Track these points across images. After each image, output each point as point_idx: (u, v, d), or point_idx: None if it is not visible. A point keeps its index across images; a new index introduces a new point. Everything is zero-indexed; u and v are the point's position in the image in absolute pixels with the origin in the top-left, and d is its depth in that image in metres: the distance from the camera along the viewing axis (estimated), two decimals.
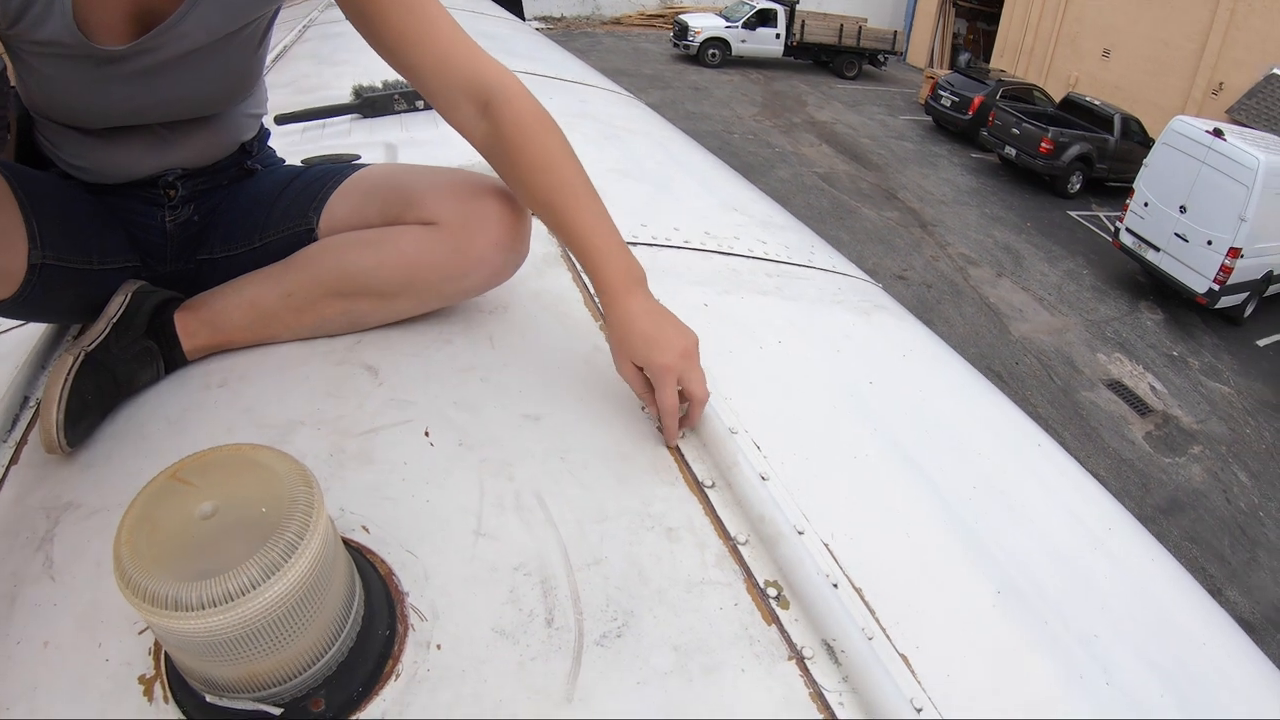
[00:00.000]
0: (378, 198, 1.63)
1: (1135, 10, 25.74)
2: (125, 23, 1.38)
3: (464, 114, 1.53)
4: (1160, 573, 1.58)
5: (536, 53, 5.26)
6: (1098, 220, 19.59)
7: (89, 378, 1.41)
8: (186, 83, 1.50)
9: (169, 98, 1.50)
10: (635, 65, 27.61)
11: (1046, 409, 12.09)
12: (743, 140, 20.90)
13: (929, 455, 1.58)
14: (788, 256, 2.31)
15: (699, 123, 21.14)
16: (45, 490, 1.33)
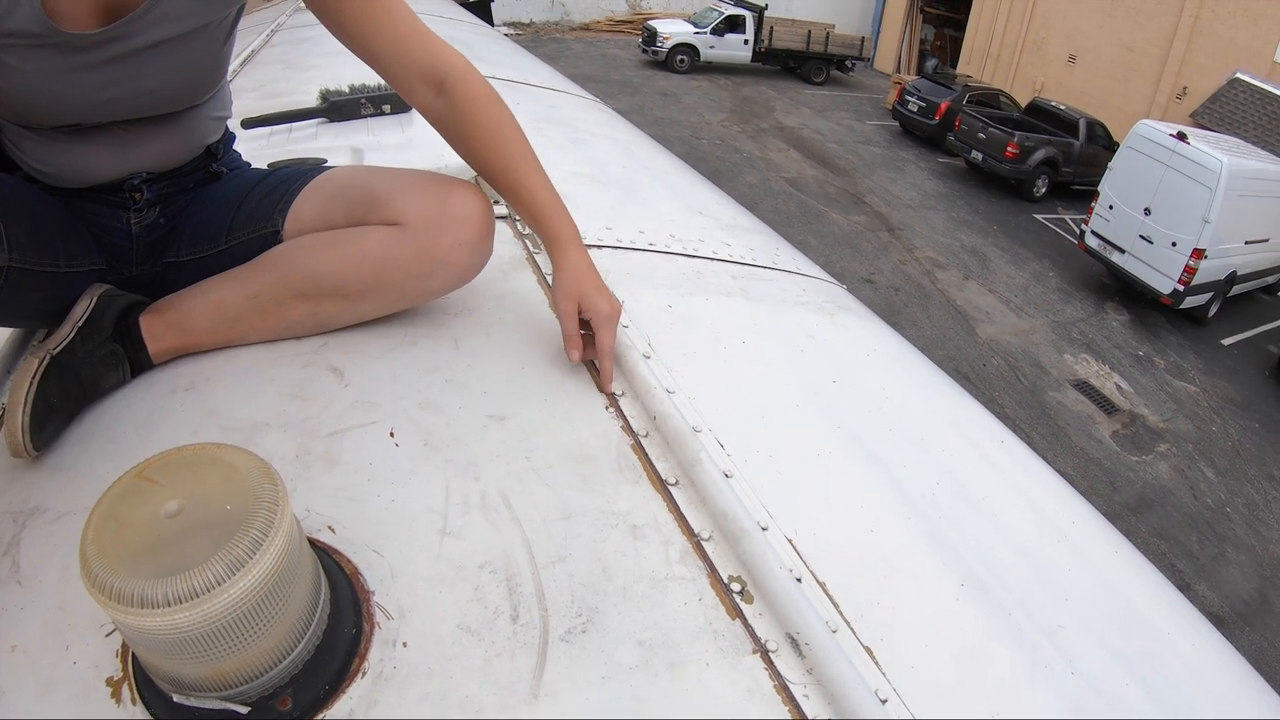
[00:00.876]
0: (344, 199, 1.64)
1: (1100, 17, 25.98)
2: (93, 11, 1.38)
3: (421, 95, 1.62)
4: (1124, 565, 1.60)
5: (505, 58, 5.27)
6: (1063, 223, 19.77)
7: (54, 381, 1.41)
8: (153, 75, 1.50)
9: (135, 90, 1.50)
10: (604, 71, 27.58)
11: (1014, 410, 12.17)
12: (711, 146, 20.95)
13: (892, 452, 1.61)
14: (752, 259, 2.32)
15: (667, 128, 21.17)
16: (11, 495, 1.32)
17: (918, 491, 1.50)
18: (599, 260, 1.91)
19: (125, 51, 1.43)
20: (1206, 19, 22.93)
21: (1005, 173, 20.37)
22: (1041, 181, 20.76)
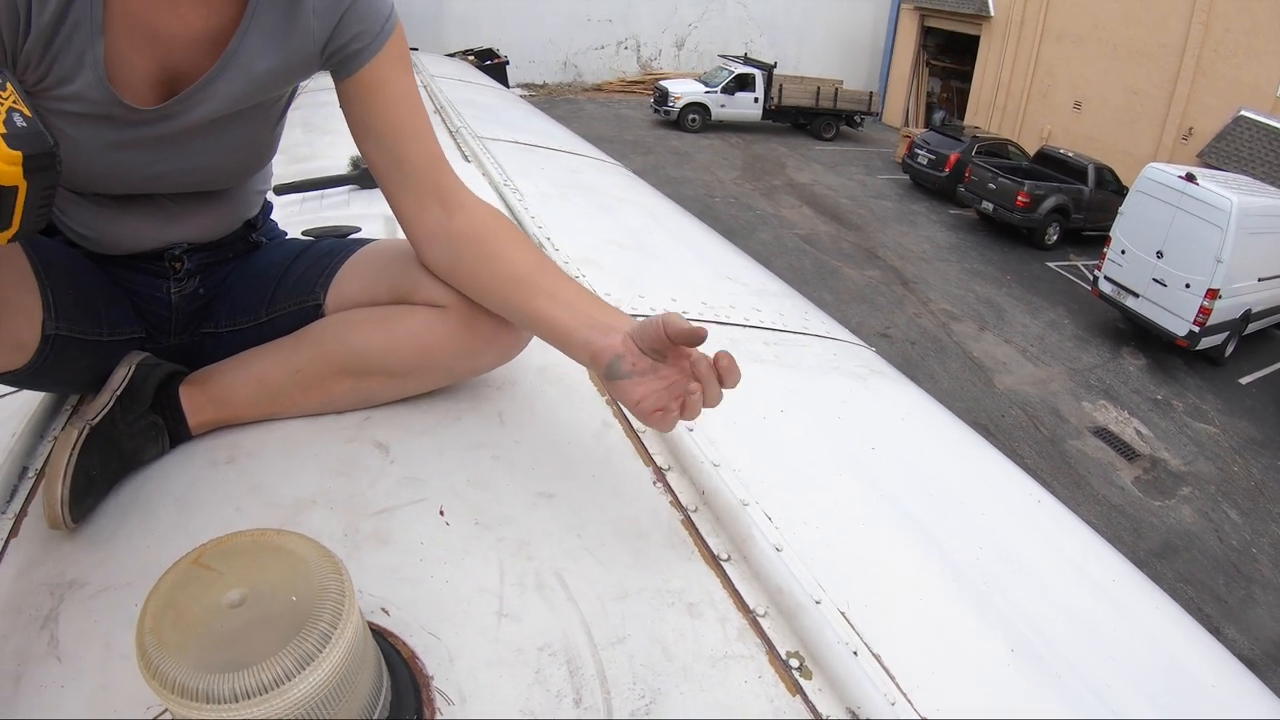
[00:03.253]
0: (387, 275, 1.64)
1: (1104, 62, 26.10)
2: (152, 85, 1.41)
3: (431, 212, 1.57)
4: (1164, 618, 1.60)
5: (525, 122, 5.30)
6: (1076, 270, 19.75)
7: (94, 453, 1.41)
8: (205, 152, 1.52)
9: (186, 166, 1.52)
10: (617, 131, 27.81)
11: (1035, 460, 12.08)
12: (724, 204, 21.03)
13: (935, 517, 1.60)
14: (783, 324, 2.33)
15: (681, 187, 21.23)
16: (49, 566, 1.32)
17: (962, 556, 1.50)
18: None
19: (180, 129, 1.45)
20: (1209, 58, 23.04)
21: (1017, 222, 20.40)
22: (1053, 229, 20.77)
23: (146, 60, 1.40)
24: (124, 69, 1.38)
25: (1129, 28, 25.33)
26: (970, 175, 21.53)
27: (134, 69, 1.39)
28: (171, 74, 1.42)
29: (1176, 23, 23.83)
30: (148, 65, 1.40)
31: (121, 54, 1.37)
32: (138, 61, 1.39)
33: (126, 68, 1.38)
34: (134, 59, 1.38)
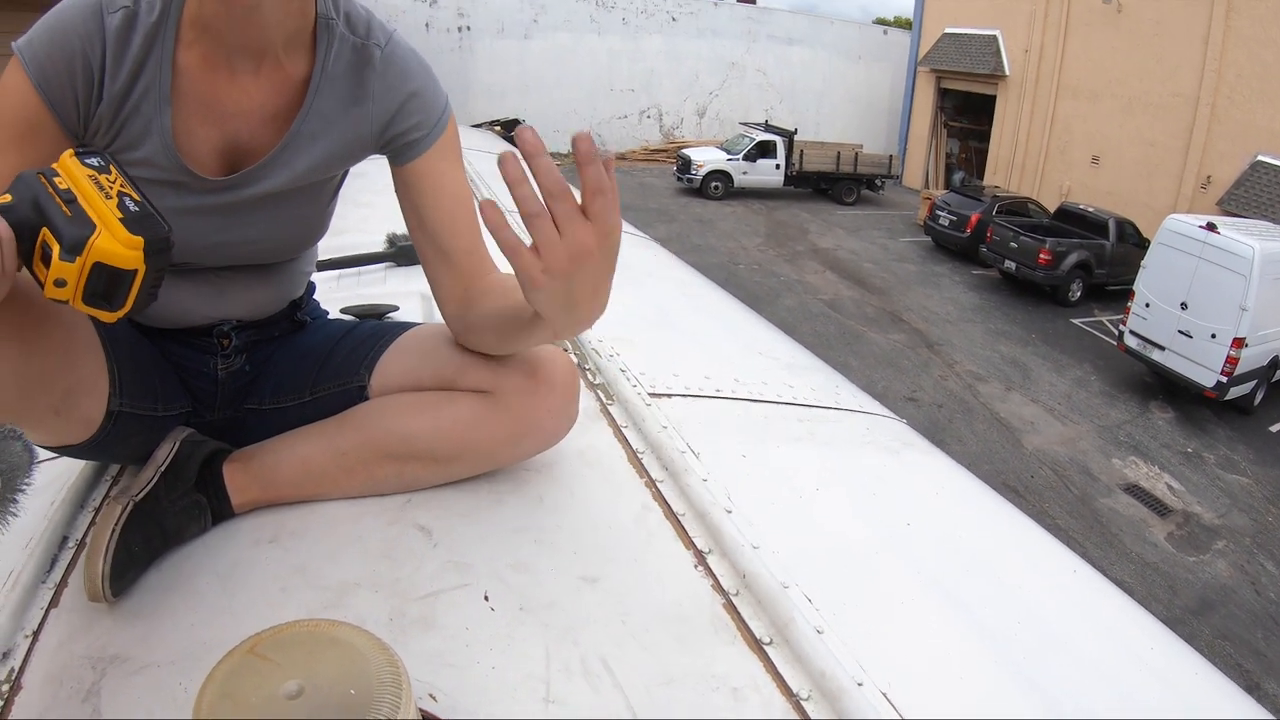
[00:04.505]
0: (432, 360, 1.66)
1: (1120, 116, 26.21)
2: (215, 157, 1.47)
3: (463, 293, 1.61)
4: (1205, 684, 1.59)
5: None
6: (1101, 325, 19.68)
7: (137, 529, 1.42)
8: (263, 225, 1.56)
9: (244, 238, 1.55)
10: (641, 200, 27.98)
11: (1066, 520, 11.92)
12: (749, 271, 21.11)
13: (972, 592, 1.61)
14: (815, 399, 2.34)
15: (705, 255, 21.36)
16: (90, 639, 1.32)
17: (1001, 632, 1.50)
18: (669, 410, 1.98)
19: (240, 200, 1.50)
20: (1223, 106, 23.14)
21: (1040, 280, 20.37)
22: (1076, 285, 20.74)
23: (210, 132, 1.45)
24: (189, 139, 1.43)
25: (1142, 80, 25.47)
26: (992, 235, 21.53)
27: (199, 139, 1.44)
28: (234, 146, 1.48)
29: (1189, 72, 23.98)
30: (212, 137, 1.45)
31: (187, 124, 1.43)
32: (202, 132, 1.44)
33: (192, 138, 1.43)
34: (199, 130, 1.44)
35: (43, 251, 1.12)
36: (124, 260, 1.12)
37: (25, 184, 1.14)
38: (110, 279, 1.13)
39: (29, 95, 1.34)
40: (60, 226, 1.10)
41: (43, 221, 1.11)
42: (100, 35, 1.35)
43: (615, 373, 2.16)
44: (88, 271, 1.11)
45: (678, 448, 1.82)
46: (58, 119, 1.37)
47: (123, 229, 1.12)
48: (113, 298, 1.14)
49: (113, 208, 1.13)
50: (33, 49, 1.34)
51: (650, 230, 8.50)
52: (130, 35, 1.37)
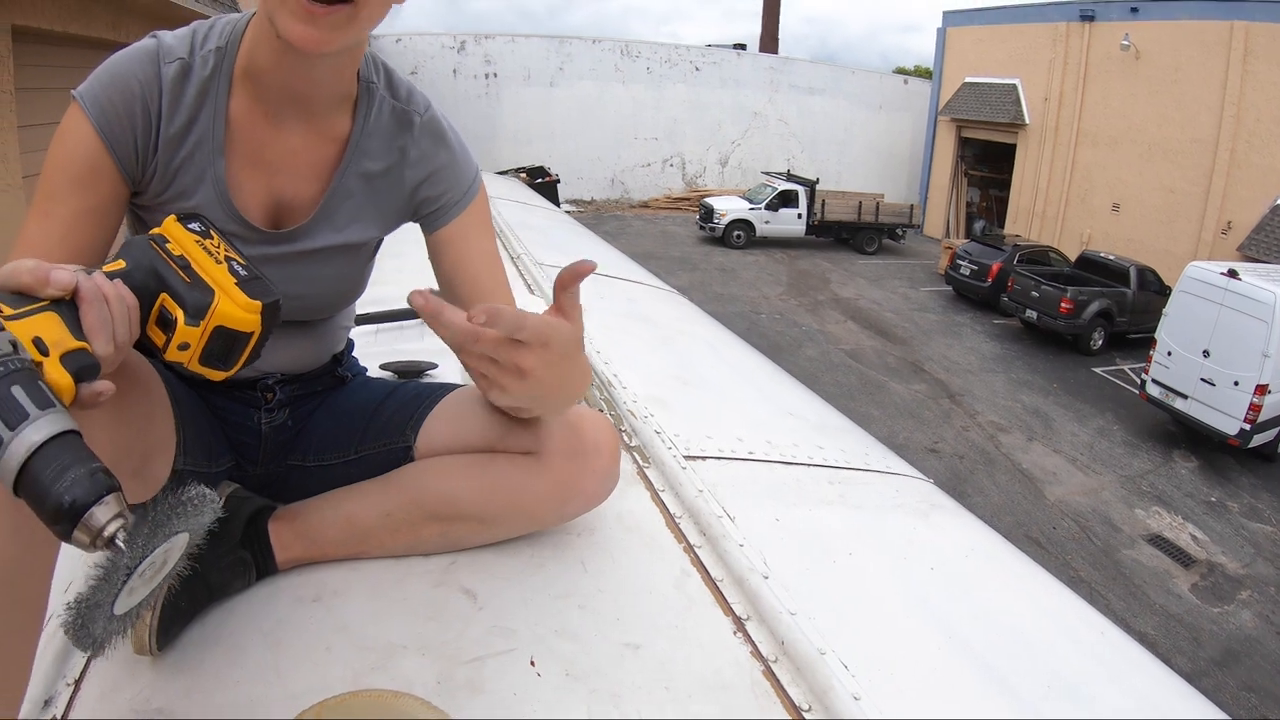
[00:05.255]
0: (476, 422, 1.68)
1: (1139, 164, 26.28)
2: (261, 209, 1.52)
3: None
4: None
5: (580, 245, 5.45)
6: (1123, 374, 19.57)
7: (183, 585, 1.44)
8: (307, 282, 1.60)
9: (290, 293, 1.52)
10: (663, 248, 28.09)
11: (1088, 572, 11.80)
12: (770, 320, 21.10)
13: (1002, 655, 1.64)
14: (845, 461, 2.36)
15: (727, 304, 21.39)
16: (134, 691, 1.33)
17: (1031, 697, 1.53)
18: (704, 472, 2.01)
19: (286, 254, 1.55)
20: (1242, 150, 23.20)
21: (1061, 329, 20.32)
22: (1098, 334, 20.67)
23: (257, 184, 1.51)
24: (239, 190, 1.49)
25: (1162, 127, 25.51)
26: (1013, 284, 21.49)
27: (246, 192, 1.50)
28: (278, 200, 1.54)
29: (1208, 117, 24.02)
30: (258, 190, 1.51)
31: (237, 176, 1.49)
32: (249, 185, 1.50)
33: (241, 190, 1.49)
34: (247, 182, 1.50)
35: (161, 316, 1.15)
36: (243, 324, 1.17)
37: (139, 250, 1.18)
38: (228, 341, 1.17)
39: (90, 139, 1.38)
40: (182, 293, 1.14)
41: (162, 288, 1.15)
42: (157, 82, 1.41)
43: (651, 435, 2.18)
44: (209, 335, 1.15)
45: (714, 512, 1.84)
46: (117, 163, 1.41)
47: (240, 293, 1.17)
48: (227, 358, 1.19)
49: (225, 272, 1.18)
50: (93, 93, 1.38)
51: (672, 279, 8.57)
52: (185, 86, 1.43)
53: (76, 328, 1.00)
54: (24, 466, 0.84)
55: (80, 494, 0.84)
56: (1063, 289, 20.21)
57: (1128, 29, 26.75)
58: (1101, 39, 27.88)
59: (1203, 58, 24.39)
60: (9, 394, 0.86)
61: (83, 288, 1.02)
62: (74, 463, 0.85)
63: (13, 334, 0.92)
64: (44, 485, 0.84)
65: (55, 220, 1.37)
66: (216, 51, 1.46)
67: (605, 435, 1.69)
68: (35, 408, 0.87)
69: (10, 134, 7.43)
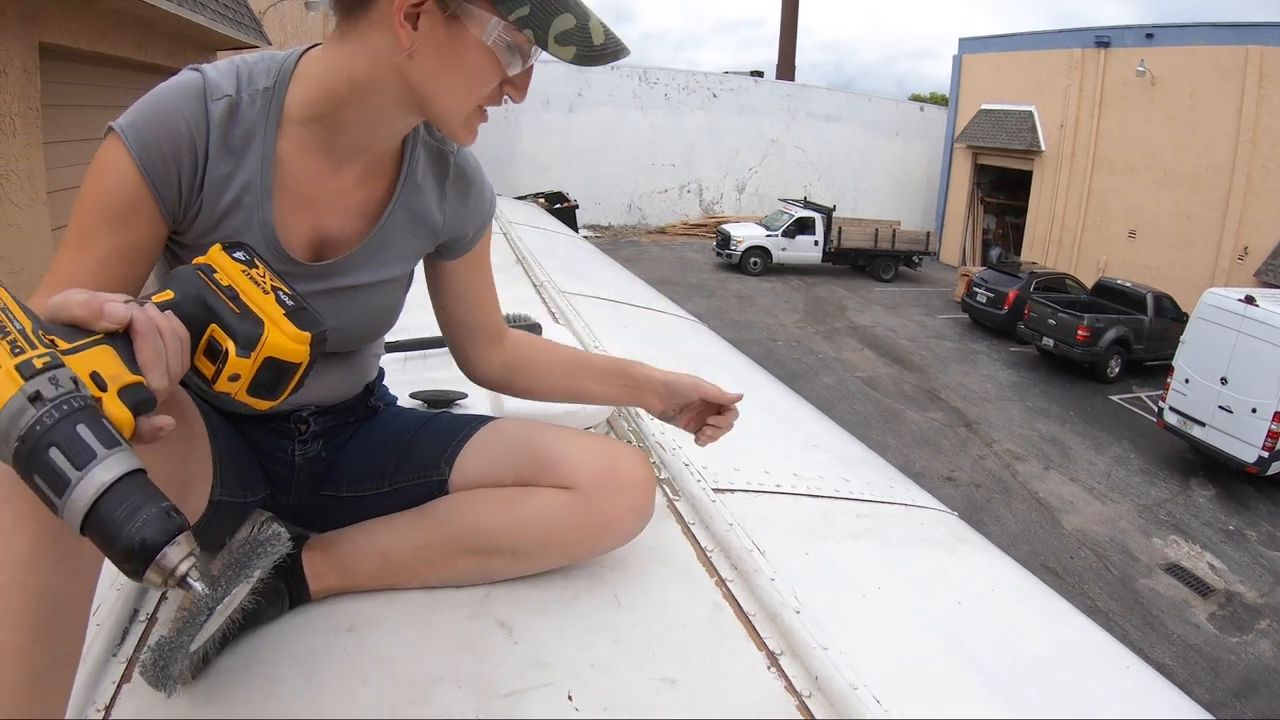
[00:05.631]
0: (513, 457, 1.69)
1: (1156, 190, 26.41)
2: (305, 246, 1.53)
3: (488, 350, 1.84)
4: None
5: (601, 273, 5.47)
6: (1140, 402, 19.58)
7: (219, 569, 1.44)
8: (345, 313, 1.60)
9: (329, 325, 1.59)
10: (680, 274, 28.24)
11: (1105, 601, 11.74)
12: (786, 347, 21.12)
13: (1030, 692, 1.65)
14: (871, 494, 2.37)
15: (744, 331, 21.46)
16: (165, 717, 1.33)
17: None
18: (733, 505, 2.02)
19: (327, 289, 1.56)
20: (1259, 175, 23.32)
21: (1078, 356, 20.34)
22: (1115, 362, 20.70)
23: (303, 222, 1.51)
24: (285, 229, 1.49)
25: (1178, 153, 25.65)
26: (1030, 312, 21.55)
27: (292, 230, 1.50)
28: (322, 236, 1.54)
29: (1224, 142, 24.15)
30: (304, 227, 1.52)
31: (284, 214, 1.48)
32: (295, 223, 1.50)
33: (287, 228, 1.49)
34: (293, 221, 1.50)
35: (209, 346, 1.15)
36: (293, 354, 1.16)
37: (188, 280, 1.17)
38: (277, 372, 1.17)
39: (131, 175, 1.34)
40: (232, 324, 1.14)
41: (211, 319, 1.14)
42: (204, 120, 1.38)
43: (680, 467, 2.19)
44: (259, 366, 1.15)
45: (745, 546, 1.83)
46: (158, 201, 1.38)
47: (290, 324, 1.16)
48: (274, 388, 1.19)
49: (273, 303, 1.18)
50: (136, 129, 1.34)
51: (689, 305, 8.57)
52: (233, 125, 1.41)
53: (131, 361, 1.01)
54: (93, 506, 0.84)
55: (152, 534, 0.85)
56: (1079, 316, 20.27)
57: (1143, 55, 26.89)
58: (1117, 65, 28.02)
59: (1218, 83, 24.51)
60: (74, 433, 0.86)
61: (137, 320, 1.02)
62: (144, 502, 0.86)
63: (72, 370, 0.92)
64: (114, 525, 0.84)
65: (89, 256, 1.35)
66: (265, 92, 1.44)
67: (640, 471, 1.70)
68: (102, 447, 0.87)
69: (36, 150, 7.50)
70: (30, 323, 0.94)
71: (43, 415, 0.86)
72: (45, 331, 0.95)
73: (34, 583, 0.98)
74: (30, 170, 7.39)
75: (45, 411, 0.86)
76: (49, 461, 0.85)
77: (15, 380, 0.87)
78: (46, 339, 0.94)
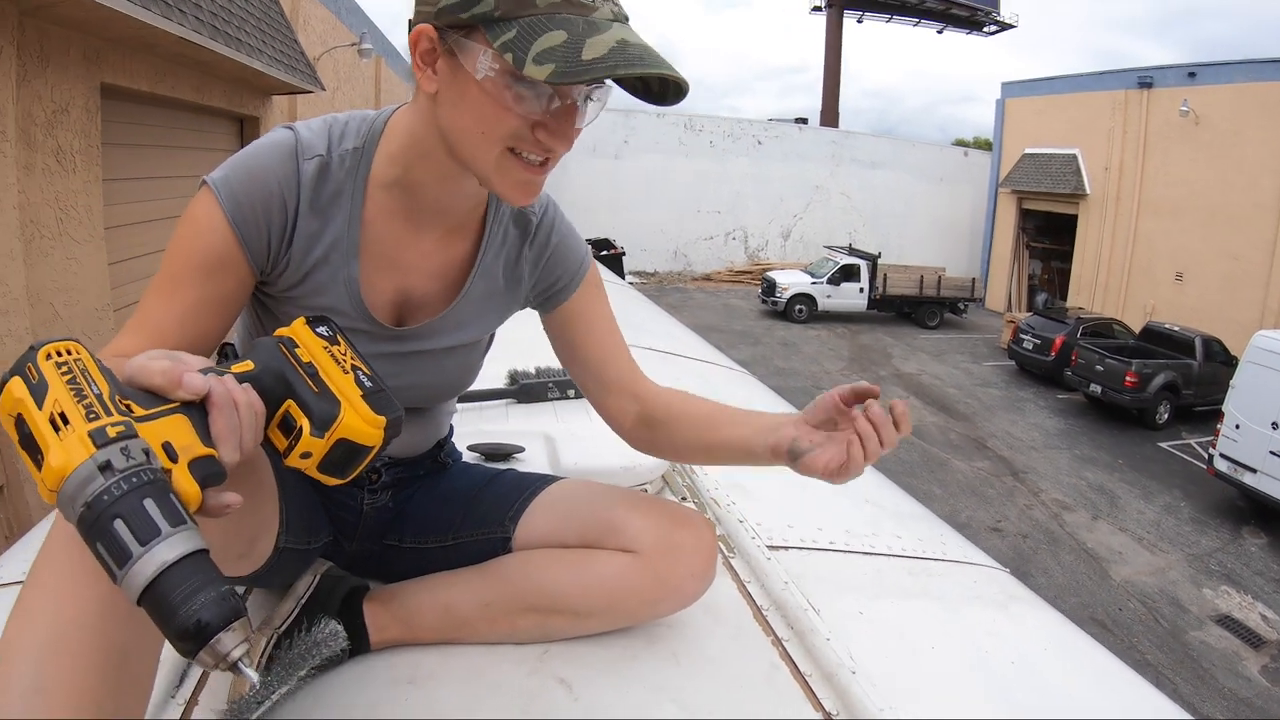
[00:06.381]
0: (577, 519, 1.70)
1: (1201, 231, 26.26)
2: (389, 307, 1.56)
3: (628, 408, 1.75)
4: None
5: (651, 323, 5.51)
6: (1190, 449, 19.32)
7: (277, 659, 1.48)
8: (427, 373, 1.65)
9: (408, 384, 1.61)
10: (726, 321, 28.33)
11: (1155, 655, 11.48)
12: None
13: None
14: (924, 551, 2.36)
15: (789, 379, 21.40)
16: None
17: None
18: (788, 563, 2.03)
19: (409, 351, 1.60)
20: None
21: (1126, 403, 20.14)
22: (1164, 408, 20.45)
23: (387, 284, 1.54)
24: (370, 290, 1.52)
25: (1224, 193, 25.52)
26: (1077, 358, 21.41)
27: (377, 291, 1.53)
28: (406, 298, 1.57)
29: (1270, 180, 24.04)
30: (388, 289, 1.55)
31: (369, 276, 1.52)
32: (380, 284, 1.54)
33: (372, 289, 1.53)
34: (378, 283, 1.53)
35: (284, 420, 1.16)
36: (367, 438, 1.18)
37: (269, 354, 1.19)
38: (348, 453, 1.18)
39: (223, 230, 1.37)
40: (310, 403, 1.16)
41: (289, 394, 1.16)
42: (296, 180, 1.41)
43: (735, 524, 2.20)
44: (331, 446, 1.16)
45: (801, 605, 1.84)
46: (248, 256, 1.41)
47: (366, 407, 1.17)
48: (344, 468, 1.20)
49: (351, 383, 1.19)
50: (229, 186, 1.37)
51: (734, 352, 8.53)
52: (323, 185, 1.44)
53: (205, 433, 1.02)
54: (152, 582, 0.85)
55: (210, 617, 0.85)
56: (1127, 362, 20.08)
57: (1186, 94, 26.82)
58: (1160, 105, 27.97)
59: (1263, 120, 24.42)
60: (141, 507, 0.87)
61: (214, 393, 1.04)
62: (204, 584, 0.86)
63: (145, 441, 0.93)
64: (172, 604, 0.84)
65: (177, 303, 1.37)
66: (354, 152, 1.47)
67: (703, 535, 1.70)
68: (167, 524, 0.87)
69: (95, 186, 7.70)
70: (108, 387, 0.96)
71: (111, 485, 0.87)
72: (122, 396, 0.97)
73: (105, 635, 1.01)
74: (89, 206, 7.61)
75: (114, 482, 0.87)
76: (113, 532, 0.86)
77: (87, 447, 0.88)
78: (122, 404, 0.96)
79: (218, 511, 0.99)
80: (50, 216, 7.09)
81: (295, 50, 13.32)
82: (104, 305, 7.97)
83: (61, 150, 7.19)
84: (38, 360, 0.95)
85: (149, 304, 1.39)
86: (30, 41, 6.64)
